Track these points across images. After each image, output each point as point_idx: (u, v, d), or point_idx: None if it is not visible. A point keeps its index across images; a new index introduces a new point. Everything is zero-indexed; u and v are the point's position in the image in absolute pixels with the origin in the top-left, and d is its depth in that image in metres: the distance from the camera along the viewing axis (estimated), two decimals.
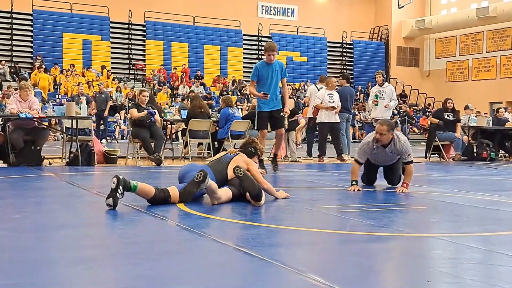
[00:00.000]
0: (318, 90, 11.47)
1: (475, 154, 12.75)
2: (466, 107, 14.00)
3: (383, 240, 3.71)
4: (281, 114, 8.28)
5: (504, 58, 28.90)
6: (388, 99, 11.51)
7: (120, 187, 4.52)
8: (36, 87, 19.94)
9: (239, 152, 5.44)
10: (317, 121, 11.20)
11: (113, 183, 4.54)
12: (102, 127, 18.90)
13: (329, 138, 11.38)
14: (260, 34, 30.27)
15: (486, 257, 3.24)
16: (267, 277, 2.70)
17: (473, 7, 29.76)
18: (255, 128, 8.44)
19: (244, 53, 29.80)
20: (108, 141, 18.88)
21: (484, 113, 16.23)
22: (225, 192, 4.94)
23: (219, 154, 5.67)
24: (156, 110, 9.83)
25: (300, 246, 3.48)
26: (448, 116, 12.48)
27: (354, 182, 6.11)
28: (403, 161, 6.16)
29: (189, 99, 15.24)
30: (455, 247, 3.50)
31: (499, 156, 13.19)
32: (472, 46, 30.68)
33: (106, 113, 18.87)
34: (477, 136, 13.01)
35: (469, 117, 13.35)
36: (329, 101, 10.99)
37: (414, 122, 28.23)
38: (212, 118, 11.12)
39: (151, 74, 26.58)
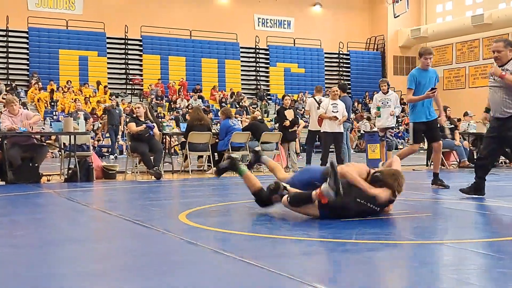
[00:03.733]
0: (317, 102, 11.41)
1: (475, 160, 12.71)
2: (466, 114, 14.00)
3: (390, 248, 3.65)
4: (438, 125, 7.74)
5: None
6: (393, 107, 11.49)
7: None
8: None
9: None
10: (321, 131, 11.16)
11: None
12: (119, 142, 18.92)
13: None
14: (257, 46, 30.35)
15: (494, 263, 3.18)
16: None
17: (468, 14, 29.88)
18: (412, 141, 7.66)
19: (241, 66, 29.86)
20: (107, 156, 18.82)
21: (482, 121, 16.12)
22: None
23: None
24: (154, 124, 9.79)
25: (306, 256, 3.42)
26: (446, 124, 12.47)
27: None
28: None
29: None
30: (463, 253, 3.44)
31: (500, 162, 13.14)
32: (468, 53, 30.76)
33: (121, 128, 18.74)
34: (477, 143, 12.98)
35: (468, 124, 13.34)
36: (332, 111, 10.96)
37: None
38: (212, 131, 11.07)
39: (148, 88, 26.59)
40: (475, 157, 12.79)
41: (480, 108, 8.31)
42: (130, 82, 27.42)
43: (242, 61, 29.88)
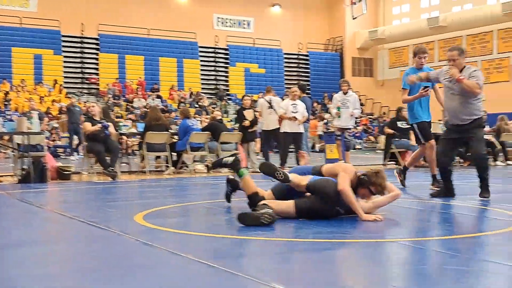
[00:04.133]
0: (268, 102, 11.43)
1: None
2: None
3: (346, 247, 3.69)
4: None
5: None
6: (352, 107, 11.60)
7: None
8: None
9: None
10: (281, 131, 11.21)
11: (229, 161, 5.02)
12: (76, 141, 18.41)
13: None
14: (216, 46, 30.27)
15: (447, 260, 3.25)
16: None
17: (424, 17, 30.53)
18: (420, 141, 7.49)
19: (201, 65, 29.73)
20: (62, 157, 18.42)
21: (439, 120, 16.57)
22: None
23: None
24: (110, 123, 9.63)
25: (264, 256, 3.41)
26: (402, 124, 12.73)
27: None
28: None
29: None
30: (419, 251, 3.50)
31: (454, 161, 13.46)
32: None
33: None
34: None
35: None
36: (292, 111, 11.01)
37: (370, 130, 28.66)
38: (170, 131, 10.96)
39: (105, 87, 26.19)
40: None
41: (435, 109, 8.47)
42: (87, 81, 26.96)
43: (201, 60, 29.75)
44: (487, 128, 14.00)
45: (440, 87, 7.26)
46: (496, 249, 3.63)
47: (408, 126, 12.78)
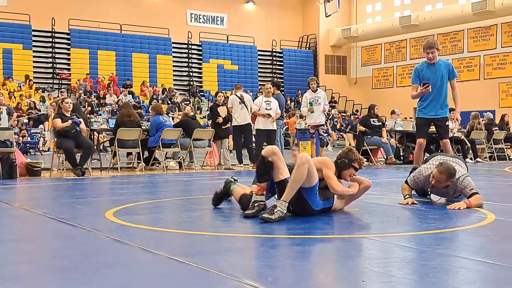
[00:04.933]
0: (239, 97, 11.42)
1: (401, 157, 13.19)
2: (393, 112, 14.46)
3: (318, 243, 3.70)
4: (447, 123, 7.35)
5: None
6: (323, 105, 11.66)
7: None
8: None
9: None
10: (255, 128, 11.23)
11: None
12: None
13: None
14: (190, 42, 30.12)
15: (416, 255, 3.29)
16: (204, 285, 2.62)
17: (396, 15, 30.86)
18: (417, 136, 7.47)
19: (173, 61, 29.55)
20: (32, 153, 18.14)
21: (410, 118, 16.79)
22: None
23: None
24: (81, 119, 9.50)
25: (236, 252, 3.40)
26: (374, 122, 12.87)
27: (407, 196, 5.43)
28: (466, 195, 5.18)
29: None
30: (388, 246, 3.53)
31: (424, 159, 13.64)
32: (396, 53, 31.78)
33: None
34: (403, 140, 13.45)
35: (395, 122, 13.78)
36: (266, 108, 11.02)
37: (343, 128, 28.86)
38: (142, 127, 10.86)
39: (76, 83, 25.84)
40: (401, 154, 13.28)
41: (407, 107, 8.56)
42: (58, 77, 26.57)
43: (174, 56, 29.58)
44: (458, 126, 14.23)
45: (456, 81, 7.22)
46: (465, 244, 3.68)
47: (379, 124, 12.95)
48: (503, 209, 5.19)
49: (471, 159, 14.05)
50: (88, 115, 15.96)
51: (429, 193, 5.50)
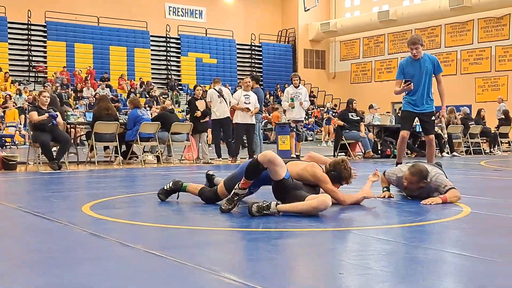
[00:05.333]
0: (217, 91, 11.38)
1: (379, 152, 13.31)
2: (371, 107, 14.55)
3: (295, 236, 3.71)
4: (432, 118, 7.33)
5: None
6: (303, 100, 11.68)
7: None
8: None
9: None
10: (233, 122, 11.21)
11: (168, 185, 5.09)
12: None
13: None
14: (168, 35, 29.91)
15: (395, 248, 3.31)
16: (182, 279, 2.61)
17: (375, 10, 31.01)
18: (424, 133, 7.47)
19: (152, 54, 29.33)
20: (8, 146, 17.86)
21: (387, 112, 16.91)
22: None
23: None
24: (58, 113, 9.38)
25: (213, 246, 3.40)
26: (352, 116, 12.94)
27: (385, 189, 5.50)
28: (442, 192, 5.09)
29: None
30: (365, 239, 3.56)
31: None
32: (374, 48, 31.96)
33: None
34: (381, 134, 13.56)
35: (373, 116, 13.88)
36: (245, 102, 11.01)
37: (321, 122, 28.98)
38: (119, 121, 10.77)
39: (53, 76, 25.50)
40: (379, 148, 13.39)
41: (385, 101, 8.62)
42: (34, 70, 26.19)
43: (152, 50, 29.35)
44: (443, 125, 14.38)
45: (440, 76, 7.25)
46: (441, 237, 3.73)
47: (358, 118, 13.04)
48: (479, 203, 5.26)
49: (447, 153, 14.22)
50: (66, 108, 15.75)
51: (405, 194, 5.54)
